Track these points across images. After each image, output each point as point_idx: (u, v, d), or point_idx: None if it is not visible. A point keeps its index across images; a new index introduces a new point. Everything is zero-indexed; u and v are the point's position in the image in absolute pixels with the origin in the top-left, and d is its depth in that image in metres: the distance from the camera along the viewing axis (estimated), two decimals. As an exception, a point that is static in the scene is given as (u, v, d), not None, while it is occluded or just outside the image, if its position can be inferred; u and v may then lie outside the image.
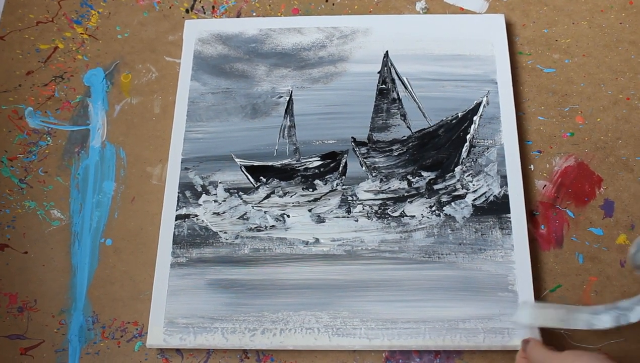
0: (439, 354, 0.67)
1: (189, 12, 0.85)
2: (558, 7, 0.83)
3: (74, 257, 0.73)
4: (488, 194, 0.72)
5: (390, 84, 0.78)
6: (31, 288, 0.71)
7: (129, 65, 0.82)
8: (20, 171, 0.77)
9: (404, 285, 0.68)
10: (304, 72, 0.79)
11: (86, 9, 0.86)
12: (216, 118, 0.77)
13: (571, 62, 0.80)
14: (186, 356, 0.68)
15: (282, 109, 0.78)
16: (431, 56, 0.79)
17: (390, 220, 0.71)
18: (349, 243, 0.71)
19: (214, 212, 0.73)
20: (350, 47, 0.80)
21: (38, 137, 0.78)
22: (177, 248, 0.71)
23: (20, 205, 0.75)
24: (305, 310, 0.68)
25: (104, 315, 0.70)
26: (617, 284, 0.69)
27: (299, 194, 0.73)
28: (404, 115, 0.77)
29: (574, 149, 0.75)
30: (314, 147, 0.75)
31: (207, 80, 0.79)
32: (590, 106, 0.77)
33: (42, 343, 0.69)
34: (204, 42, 0.81)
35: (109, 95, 0.81)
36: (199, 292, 0.69)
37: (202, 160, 0.75)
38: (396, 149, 0.75)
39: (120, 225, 0.74)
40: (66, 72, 0.82)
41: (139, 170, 0.76)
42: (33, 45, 0.84)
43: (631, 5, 0.83)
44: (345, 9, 0.84)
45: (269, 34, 0.82)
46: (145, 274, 0.71)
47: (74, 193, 0.75)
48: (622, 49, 0.80)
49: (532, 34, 0.82)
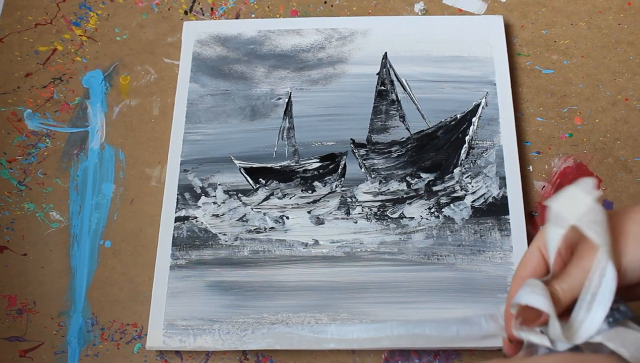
0: (438, 355, 0.67)
1: (188, 14, 0.85)
2: (556, 8, 0.83)
3: (73, 259, 0.73)
4: (487, 196, 0.72)
5: (389, 85, 0.78)
6: (30, 290, 0.71)
7: (128, 67, 0.82)
8: (19, 173, 0.77)
9: (403, 286, 0.68)
10: (303, 73, 0.79)
11: (85, 11, 0.86)
12: (215, 120, 0.77)
13: (570, 63, 0.80)
14: (185, 358, 0.68)
15: (281, 110, 0.78)
16: (430, 58, 0.79)
17: (389, 221, 0.72)
18: (348, 245, 0.71)
19: (213, 213, 0.73)
20: (349, 49, 0.80)
21: (37, 139, 0.78)
22: (177, 250, 0.71)
23: (19, 207, 0.75)
24: (304, 312, 0.68)
25: (103, 317, 0.70)
26: (616, 285, 0.69)
27: (298, 196, 0.73)
28: (402, 116, 0.77)
29: (572, 150, 0.76)
30: (313, 148, 0.75)
31: (206, 81, 0.79)
32: (588, 107, 0.78)
33: (42, 345, 0.69)
34: (203, 43, 0.81)
35: (108, 97, 0.81)
36: (198, 294, 0.69)
37: (201, 162, 0.75)
38: (395, 150, 0.75)
39: (120, 227, 0.74)
40: (65, 74, 0.82)
41: (138, 172, 0.76)
42: (32, 47, 0.83)
43: (630, 6, 0.83)
44: (344, 11, 0.84)
45: (267, 35, 0.82)
46: (144, 276, 0.71)
47: (73, 195, 0.75)
48: (620, 50, 0.80)
49: (530, 35, 0.82)
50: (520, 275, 0.49)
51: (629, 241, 0.45)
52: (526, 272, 0.49)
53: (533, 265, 0.49)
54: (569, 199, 0.45)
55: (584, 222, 0.44)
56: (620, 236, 0.45)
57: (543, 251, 0.48)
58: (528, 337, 0.46)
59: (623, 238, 0.45)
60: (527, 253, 0.50)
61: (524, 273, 0.49)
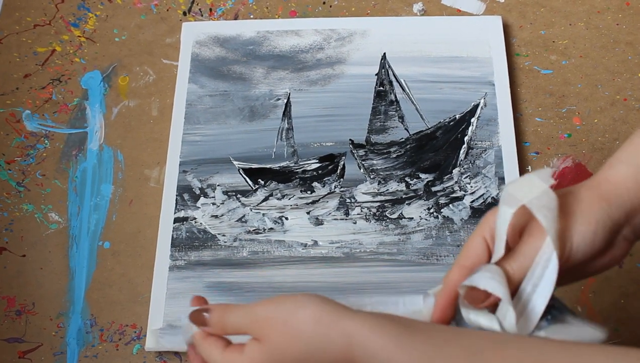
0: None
1: (187, 15, 0.85)
2: (555, 8, 0.83)
3: (72, 260, 0.72)
4: (486, 196, 0.72)
5: (387, 86, 0.78)
6: (29, 292, 0.71)
7: (127, 67, 0.82)
8: (18, 174, 0.77)
9: (402, 287, 0.68)
10: (302, 74, 0.79)
11: (83, 12, 0.86)
12: (214, 120, 0.77)
13: (568, 63, 0.80)
14: (184, 359, 0.68)
15: (280, 111, 0.78)
16: (429, 58, 0.79)
17: (388, 222, 0.71)
18: (347, 246, 0.71)
19: (213, 214, 0.73)
20: (348, 49, 0.80)
21: (36, 140, 0.78)
22: (176, 251, 0.71)
23: (18, 208, 0.75)
24: (303, 313, 0.68)
25: (102, 318, 0.70)
26: (616, 285, 0.69)
27: (297, 197, 0.73)
28: (401, 117, 0.77)
29: (571, 150, 0.76)
30: (312, 149, 0.75)
31: (205, 82, 0.79)
32: (587, 107, 0.78)
33: (41, 346, 0.69)
34: (202, 44, 0.81)
35: (107, 98, 0.81)
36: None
37: (200, 162, 0.75)
38: (394, 151, 0.75)
39: (119, 228, 0.74)
40: (64, 75, 0.82)
41: (137, 173, 0.76)
42: (30, 48, 0.83)
43: (628, 7, 0.83)
44: (343, 11, 0.84)
45: (266, 36, 0.82)
46: (143, 277, 0.71)
47: (71, 196, 0.75)
48: (619, 50, 0.80)
49: (529, 35, 0.82)
50: (462, 265, 0.48)
51: (577, 219, 0.45)
52: (469, 262, 0.47)
53: (477, 253, 0.48)
54: (525, 183, 0.46)
55: (536, 204, 0.44)
56: (569, 215, 0.45)
57: (487, 239, 0.48)
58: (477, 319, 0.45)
59: (571, 217, 0.45)
60: (470, 241, 0.48)
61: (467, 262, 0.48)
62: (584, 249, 0.45)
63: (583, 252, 0.45)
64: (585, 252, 0.45)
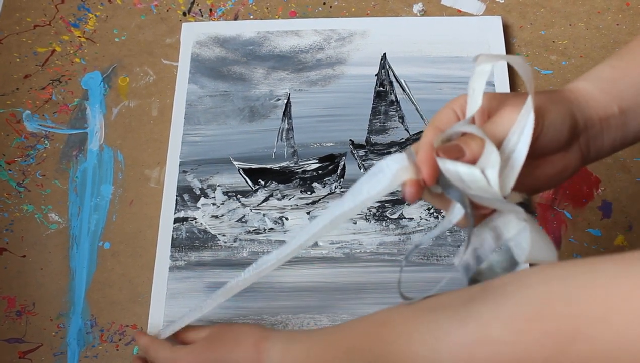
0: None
1: (187, 15, 0.85)
2: (555, 8, 0.83)
3: (72, 260, 0.73)
4: (486, 196, 0.72)
5: (388, 86, 0.78)
6: (29, 292, 0.71)
7: (127, 68, 0.82)
8: (18, 174, 0.77)
9: (403, 287, 0.68)
10: (302, 74, 0.79)
11: (83, 12, 0.86)
12: (214, 121, 0.77)
13: (568, 63, 0.80)
14: (185, 359, 0.68)
15: (280, 111, 0.78)
16: (428, 58, 0.79)
17: (388, 222, 0.72)
18: (347, 246, 0.71)
19: (213, 215, 0.73)
20: (348, 50, 0.80)
21: (36, 141, 0.78)
22: (176, 252, 0.71)
23: (18, 208, 0.75)
24: (304, 313, 0.68)
25: (103, 318, 0.70)
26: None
27: (298, 197, 0.73)
28: (401, 117, 0.77)
29: (571, 151, 0.76)
30: (312, 149, 0.75)
31: (205, 83, 0.79)
32: (587, 108, 0.78)
33: (41, 346, 0.69)
34: (202, 44, 0.81)
35: (107, 98, 0.81)
36: (197, 295, 0.69)
37: (200, 163, 0.75)
38: (394, 151, 0.75)
39: (119, 228, 0.74)
40: (64, 75, 0.82)
41: (137, 173, 0.76)
42: (30, 48, 0.83)
43: (628, 7, 0.83)
44: (343, 12, 0.84)
45: (266, 36, 0.82)
46: (143, 277, 0.71)
47: (72, 197, 0.75)
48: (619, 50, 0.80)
49: (529, 35, 0.82)
50: (436, 126, 0.48)
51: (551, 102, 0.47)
52: (442, 124, 0.48)
53: (449, 118, 0.48)
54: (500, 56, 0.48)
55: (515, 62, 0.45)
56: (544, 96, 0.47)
57: (457, 113, 0.48)
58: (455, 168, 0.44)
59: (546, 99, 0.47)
60: (441, 111, 0.49)
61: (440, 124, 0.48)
62: (554, 132, 0.46)
63: (552, 134, 0.46)
64: (553, 137, 0.46)
